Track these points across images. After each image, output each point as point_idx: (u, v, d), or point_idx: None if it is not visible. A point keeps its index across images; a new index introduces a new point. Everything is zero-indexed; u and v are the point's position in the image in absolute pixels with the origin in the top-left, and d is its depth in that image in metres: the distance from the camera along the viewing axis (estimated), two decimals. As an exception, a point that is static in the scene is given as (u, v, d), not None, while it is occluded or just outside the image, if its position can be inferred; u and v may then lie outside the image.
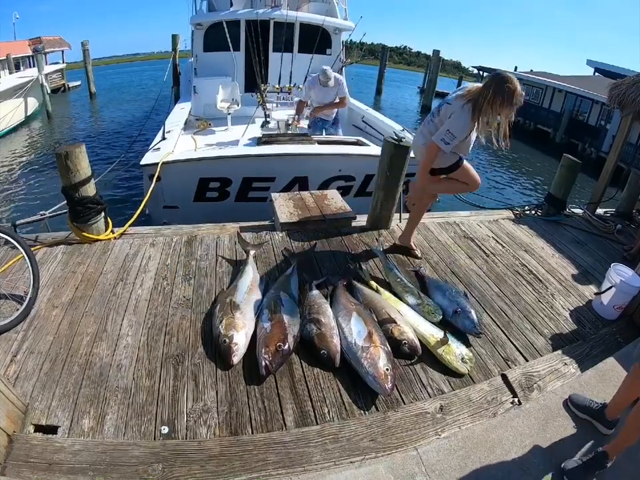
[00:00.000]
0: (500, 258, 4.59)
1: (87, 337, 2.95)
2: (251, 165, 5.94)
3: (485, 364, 3.07)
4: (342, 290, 3.49)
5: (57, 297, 3.33)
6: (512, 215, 5.89)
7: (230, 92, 9.50)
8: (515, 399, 2.81)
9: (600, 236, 5.58)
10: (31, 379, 2.59)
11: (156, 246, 4.13)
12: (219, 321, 2.94)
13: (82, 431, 2.31)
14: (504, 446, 2.46)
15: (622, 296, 3.77)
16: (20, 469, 2.08)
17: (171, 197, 5.88)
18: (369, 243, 4.58)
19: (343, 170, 6.26)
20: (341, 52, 10.72)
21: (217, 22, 9.58)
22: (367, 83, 37.62)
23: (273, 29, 9.86)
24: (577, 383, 2.99)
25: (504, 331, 3.45)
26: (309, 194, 5.33)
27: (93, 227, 4.09)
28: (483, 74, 34.32)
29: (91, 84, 26.52)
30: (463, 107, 3.36)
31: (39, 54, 21.82)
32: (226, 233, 4.47)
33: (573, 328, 3.65)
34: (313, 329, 2.95)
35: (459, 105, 3.39)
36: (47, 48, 25.92)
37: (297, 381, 2.71)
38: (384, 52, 37.87)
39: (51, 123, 19.16)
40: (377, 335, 2.88)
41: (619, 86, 5.92)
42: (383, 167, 4.55)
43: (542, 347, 3.34)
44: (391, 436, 2.43)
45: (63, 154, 3.72)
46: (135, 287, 3.52)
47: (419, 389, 2.78)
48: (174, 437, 2.32)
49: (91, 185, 4.02)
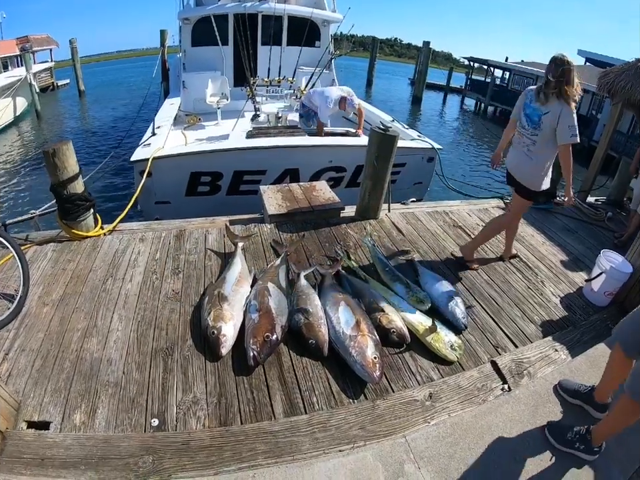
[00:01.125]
0: (490, 246, 4.60)
1: (77, 332, 2.95)
2: (242, 158, 5.94)
3: (474, 351, 3.09)
4: (330, 280, 3.51)
5: (47, 294, 3.33)
6: (502, 203, 5.91)
7: (219, 86, 9.47)
8: (504, 385, 2.83)
9: (590, 223, 5.62)
10: (23, 376, 2.59)
11: (145, 241, 4.13)
12: (207, 313, 2.94)
13: (73, 426, 2.32)
14: (493, 432, 2.48)
15: (612, 282, 3.79)
16: (13, 465, 2.09)
17: (163, 192, 5.86)
18: (357, 233, 4.59)
19: (334, 161, 6.27)
20: (329, 44, 10.70)
21: (205, 16, 9.54)
22: (357, 75, 37.55)
23: (261, 22, 9.84)
24: (567, 368, 3.02)
25: (494, 319, 3.47)
26: (297, 186, 5.34)
27: (82, 223, 4.07)
28: (473, 65, 34.27)
29: (79, 82, 26.34)
30: (561, 103, 3.30)
31: (26, 53, 21.54)
32: (215, 227, 4.47)
33: (564, 314, 3.68)
34: (301, 319, 2.97)
35: (560, 103, 3.30)
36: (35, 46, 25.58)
37: (285, 371, 2.72)
38: (374, 44, 37.86)
39: (40, 123, 19.01)
40: (365, 323, 2.90)
41: (608, 74, 5.93)
42: (370, 156, 4.57)
43: (532, 334, 3.37)
44: (379, 424, 2.45)
45: (50, 151, 3.71)
46: (124, 282, 3.52)
47: (408, 377, 2.79)
48: (164, 429, 2.32)
49: (79, 181, 4.00)
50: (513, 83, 28.63)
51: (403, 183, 6.76)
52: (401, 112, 24.62)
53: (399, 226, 4.86)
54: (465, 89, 34.07)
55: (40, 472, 2.07)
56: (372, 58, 37.07)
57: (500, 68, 30.64)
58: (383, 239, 4.55)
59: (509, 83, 29.20)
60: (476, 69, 35.03)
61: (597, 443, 2.37)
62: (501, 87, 30.03)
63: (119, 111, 20.93)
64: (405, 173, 6.69)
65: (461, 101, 34.33)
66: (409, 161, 6.61)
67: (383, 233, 4.68)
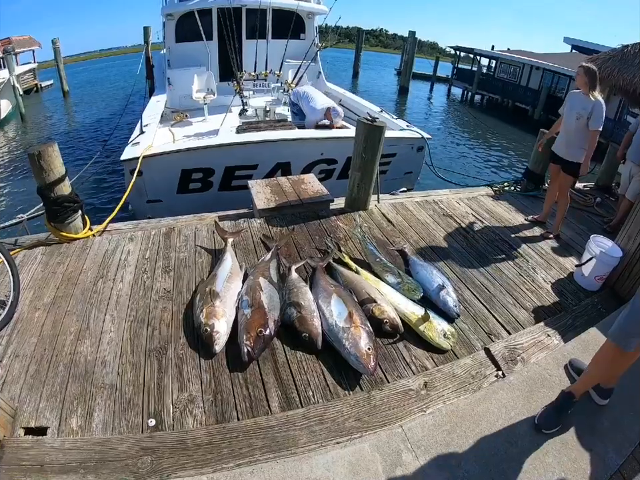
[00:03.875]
0: (480, 234, 4.63)
1: (70, 335, 2.93)
2: (233, 153, 5.92)
3: (468, 339, 3.12)
4: (321, 272, 3.51)
5: (38, 298, 3.30)
6: (491, 191, 5.94)
7: (205, 82, 9.41)
8: (498, 372, 2.86)
9: (580, 209, 5.66)
10: (17, 382, 2.58)
11: (135, 240, 4.10)
12: (199, 310, 2.94)
13: (71, 430, 2.31)
14: (489, 419, 2.50)
15: (602, 267, 3.83)
16: (13, 472, 2.07)
17: (154, 190, 5.83)
18: (347, 224, 4.60)
19: (325, 153, 6.28)
20: (315, 37, 10.64)
21: (188, 11, 9.45)
22: (343, 67, 37.45)
23: (245, 15, 9.75)
24: (560, 354, 3.04)
25: (486, 306, 3.49)
26: (285, 179, 5.34)
27: (71, 225, 4.04)
28: (460, 54, 34.23)
29: (63, 82, 25.97)
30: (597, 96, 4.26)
31: (9, 55, 21.28)
32: (205, 223, 4.46)
33: (555, 300, 3.72)
34: (294, 313, 2.97)
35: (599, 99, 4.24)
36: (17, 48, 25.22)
37: (280, 366, 2.73)
38: (359, 35, 37.74)
39: (25, 125, 18.77)
40: (358, 315, 2.91)
41: (595, 61, 5.97)
42: (357, 148, 4.58)
43: (525, 320, 3.40)
44: (376, 414, 2.47)
45: (36, 154, 3.66)
46: (115, 282, 3.50)
47: (403, 366, 2.81)
48: (161, 428, 2.32)
49: (66, 183, 3.96)
50: (499, 71, 28.63)
51: (394, 173, 6.78)
52: (389, 102, 24.65)
53: (388, 216, 4.87)
54: (452, 78, 34.06)
55: (39, 478, 2.06)
56: (357, 49, 36.97)
57: (486, 57, 30.64)
58: (373, 229, 4.56)
59: (496, 71, 29.20)
60: (462, 57, 34.97)
61: (580, 392, 2.51)
62: (488, 75, 30.05)
63: (104, 110, 20.69)
64: (395, 163, 6.72)
65: (447, 90, 34.32)
66: (399, 151, 6.64)
67: (373, 223, 4.69)
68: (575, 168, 4.49)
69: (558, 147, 4.69)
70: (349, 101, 9.63)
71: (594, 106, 4.21)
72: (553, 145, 4.80)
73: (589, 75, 4.24)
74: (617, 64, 6.24)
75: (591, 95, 4.26)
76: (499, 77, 28.47)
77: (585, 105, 4.27)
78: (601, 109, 4.21)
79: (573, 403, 2.50)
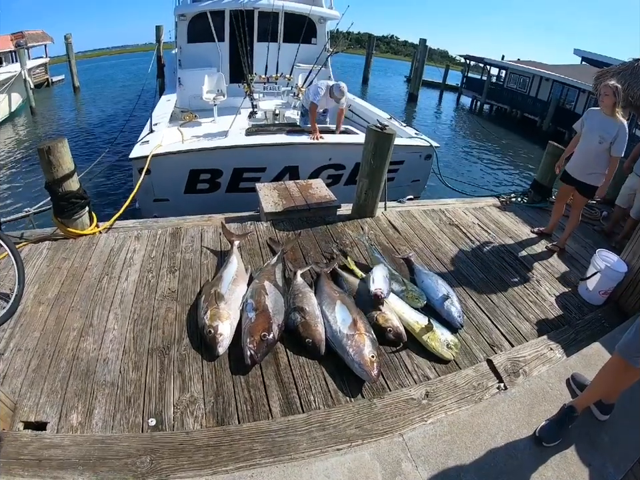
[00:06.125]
0: (485, 245, 4.62)
1: (73, 332, 2.94)
2: (242, 155, 5.94)
3: (470, 350, 3.11)
4: (326, 278, 3.51)
5: (42, 293, 3.31)
6: (498, 202, 5.93)
7: (215, 83, 9.44)
8: (500, 384, 2.85)
9: (586, 222, 5.63)
10: (19, 376, 2.58)
11: (141, 239, 4.11)
12: (203, 312, 2.94)
13: (71, 426, 2.31)
14: (490, 431, 2.49)
15: (607, 281, 3.82)
16: (11, 466, 2.07)
17: (162, 189, 5.85)
18: (353, 231, 4.59)
19: (333, 159, 6.29)
20: (327, 41, 10.66)
21: (201, 12, 9.48)
22: (353, 72, 37.46)
23: (257, 18, 9.77)
24: (562, 367, 3.03)
25: (489, 317, 3.48)
26: (293, 183, 5.34)
27: (78, 221, 4.05)
28: (470, 63, 34.23)
29: (74, 78, 26.07)
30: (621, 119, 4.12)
31: (21, 49, 21.41)
32: (211, 225, 4.46)
33: (559, 313, 3.70)
34: (298, 318, 2.97)
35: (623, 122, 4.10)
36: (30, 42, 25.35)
37: (282, 370, 2.73)
38: (370, 41, 37.76)
39: (35, 119, 18.84)
40: (362, 322, 2.91)
41: (605, 74, 5.95)
42: (366, 155, 4.58)
43: (528, 332, 3.38)
44: (377, 422, 2.46)
45: (45, 149, 3.68)
46: (120, 280, 3.51)
47: (405, 375, 2.80)
48: (161, 428, 2.32)
49: (74, 179, 3.98)
50: (509, 82, 28.61)
51: (401, 181, 6.78)
52: (397, 109, 24.64)
53: (395, 224, 4.87)
54: (461, 87, 34.06)
55: (37, 473, 2.06)
56: (368, 55, 36.97)
57: (496, 66, 30.61)
58: (379, 237, 4.55)
59: (505, 81, 29.18)
60: (472, 67, 34.98)
61: (582, 407, 2.52)
62: (497, 85, 30.03)
63: (114, 107, 20.76)
64: (402, 170, 6.72)
65: (457, 99, 34.30)
66: (406, 159, 6.64)
67: (379, 231, 4.69)
68: (592, 191, 4.39)
69: (573, 168, 4.51)
70: (358, 107, 9.64)
71: (619, 130, 4.04)
72: (567, 164, 4.63)
73: (619, 96, 4.03)
74: (628, 78, 6.21)
75: (615, 116, 4.07)
76: (508, 87, 28.44)
77: (609, 128, 4.08)
78: (625, 134, 4.05)
79: (574, 417, 2.49)
